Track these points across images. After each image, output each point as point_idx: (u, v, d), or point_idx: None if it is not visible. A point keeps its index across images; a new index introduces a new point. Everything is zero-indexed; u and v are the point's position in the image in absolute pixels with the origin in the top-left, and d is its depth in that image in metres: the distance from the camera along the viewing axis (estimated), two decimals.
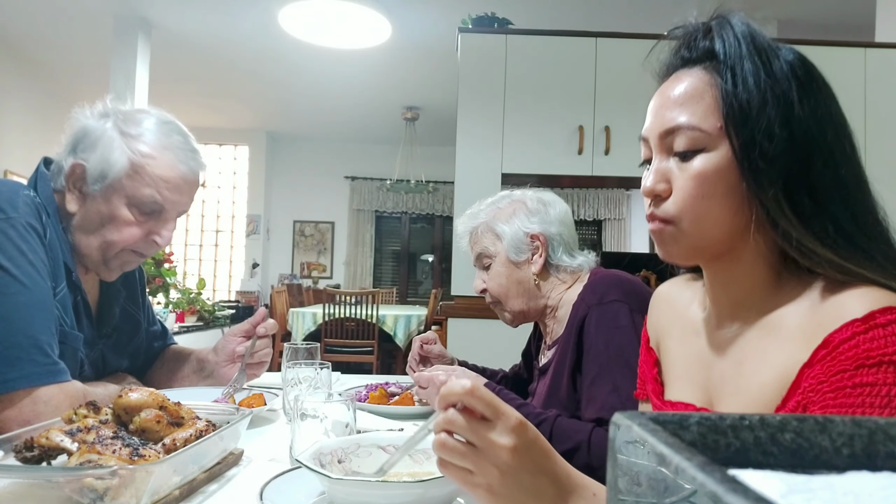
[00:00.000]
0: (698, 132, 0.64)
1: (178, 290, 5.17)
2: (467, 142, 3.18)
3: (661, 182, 0.67)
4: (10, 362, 0.94)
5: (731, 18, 0.68)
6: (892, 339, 0.54)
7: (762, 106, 0.62)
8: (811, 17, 4.47)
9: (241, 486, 0.83)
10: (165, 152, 1.13)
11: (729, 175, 0.63)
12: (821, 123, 0.64)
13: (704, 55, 0.67)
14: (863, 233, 0.63)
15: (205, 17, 4.80)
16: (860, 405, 0.53)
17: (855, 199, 0.64)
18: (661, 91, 0.70)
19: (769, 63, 0.64)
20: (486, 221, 1.38)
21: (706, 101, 0.65)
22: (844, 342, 0.56)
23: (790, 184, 0.61)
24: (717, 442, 0.29)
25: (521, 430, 0.57)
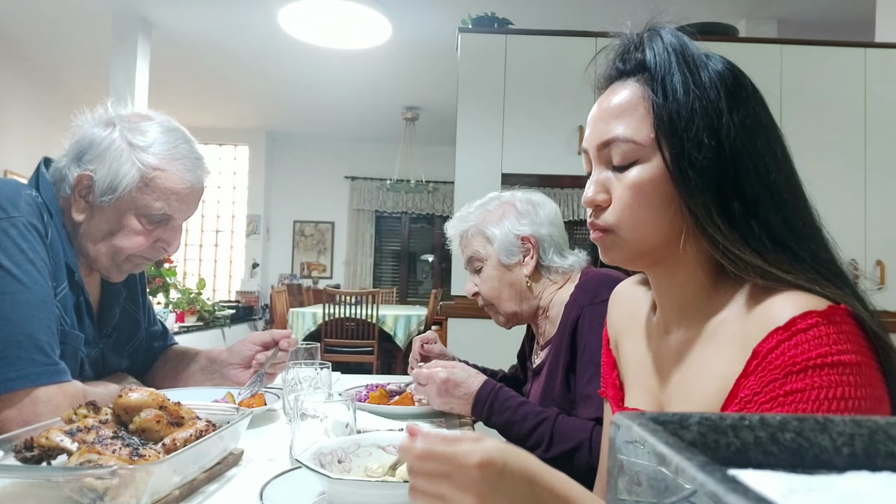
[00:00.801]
0: (632, 144, 0.66)
1: (178, 290, 5.17)
2: (467, 142, 3.18)
3: (600, 192, 0.69)
4: (9, 362, 0.94)
5: (662, 30, 0.69)
6: (815, 342, 0.56)
7: (691, 117, 0.63)
8: (811, 17, 4.47)
9: (241, 486, 0.83)
10: (174, 164, 1.13)
11: (663, 185, 0.65)
12: (750, 132, 0.65)
13: (637, 67, 0.69)
14: (793, 236, 0.64)
15: (205, 17, 4.80)
16: (794, 412, 0.54)
17: (787, 203, 0.65)
18: (599, 103, 0.71)
19: (697, 74, 0.66)
20: (475, 224, 1.37)
21: (639, 113, 0.66)
22: (771, 351, 0.57)
23: (720, 192, 0.63)
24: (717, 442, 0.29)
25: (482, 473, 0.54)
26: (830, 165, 3.17)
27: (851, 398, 0.53)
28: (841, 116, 3.18)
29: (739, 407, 0.59)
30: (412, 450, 0.56)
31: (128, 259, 1.15)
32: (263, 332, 1.39)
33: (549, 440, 1.10)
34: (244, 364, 1.34)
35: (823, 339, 0.56)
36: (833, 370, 0.54)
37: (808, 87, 3.18)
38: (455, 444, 0.55)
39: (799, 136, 3.17)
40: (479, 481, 0.54)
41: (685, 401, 0.67)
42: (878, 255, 3.13)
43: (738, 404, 0.59)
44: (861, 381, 0.54)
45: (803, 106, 3.18)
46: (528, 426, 1.13)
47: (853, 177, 3.16)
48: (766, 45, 3.25)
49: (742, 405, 0.58)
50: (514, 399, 1.18)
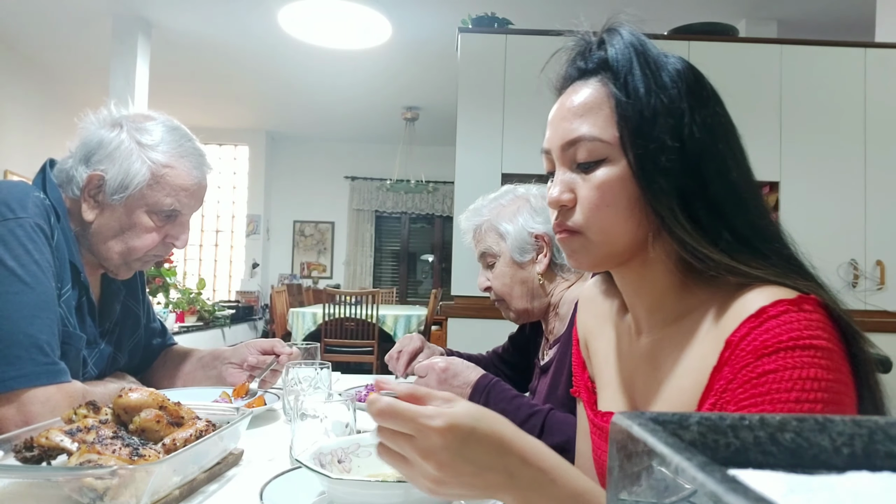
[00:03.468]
0: (599, 143, 0.65)
1: (178, 290, 5.17)
2: (467, 142, 3.18)
3: (566, 192, 0.67)
4: (9, 361, 0.95)
5: (621, 29, 0.68)
6: (786, 326, 0.56)
7: (654, 117, 0.63)
8: (811, 17, 4.47)
9: (241, 486, 0.83)
10: (182, 160, 1.16)
11: (629, 186, 0.64)
12: (712, 131, 0.65)
13: (599, 66, 0.68)
14: (759, 235, 0.64)
15: (205, 17, 4.80)
16: (767, 392, 0.54)
17: (748, 203, 0.65)
18: (560, 103, 0.70)
19: (658, 73, 0.65)
20: (489, 219, 1.37)
21: (605, 112, 0.65)
22: (743, 339, 0.57)
23: (685, 193, 0.62)
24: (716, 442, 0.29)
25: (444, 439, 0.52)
26: (830, 165, 3.17)
27: (823, 380, 0.54)
28: (841, 116, 3.18)
29: (716, 398, 0.59)
30: (375, 404, 0.53)
31: (139, 258, 1.17)
32: (269, 339, 1.40)
33: (539, 433, 1.10)
34: (240, 366, 1.36)
35: (794, 324, 0.56)
36: (805, 352, 0.55)
37: (808, 87, 3.18)
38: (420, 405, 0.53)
39: (799, 136, 3.17)
40: (441, 447, 0.51)
41: (661, 401, 0.67)
42: (878, 255, 3.13)
43: (714, 395, 0.59)
44: (832, 365, 0.55)
45: (803, 106, 3.18)
46: (521, 416, 1.13)
47: (853, 177, 3.16)
48: (766, 45, 3.25)
49: (718, 395, 0.59)
50: (509, 392, 1.19)
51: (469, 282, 3.00)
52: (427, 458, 0.52)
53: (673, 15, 4.14)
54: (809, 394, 0.53)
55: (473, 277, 1.45)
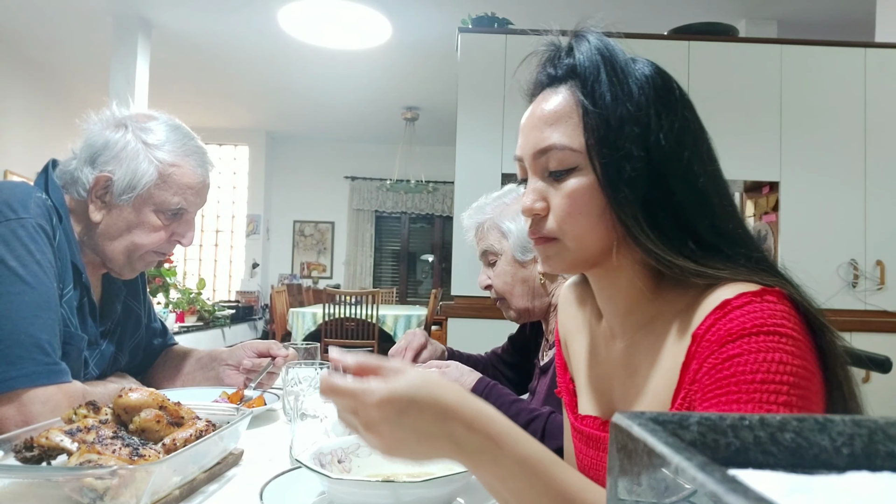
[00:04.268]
0: (569, 151, 0.65)
1: (178, 290, 5.17)
2: (467, 142, 3.18)
3: (538, 201, 0.68)
4: (10, 361, 0.95)
5: (588, 34, 0.68)
6: (749, 315, 0.56)
7: (620, 126, 0.63)
8: (811, 17, 4.47)
9: (241, 486, 0.83)
10: (187, 159, 1.17)
11: (599, 194, 0.64)
12: (679, 138, 0.64)
13: (568, 73, 0.67)
14: (725, 240, 0.64)
15: (205, 17, 4.80)
16: (732, 375, 0.55)
17: (715, 207, 0.65)
18: (532, 110, 0.70)
19: (625, 79, 0.65)
20: (491, 218, 1.37)
21: (574, 121, 0.65)
22: (708, 330, 0.58)
23: (650, 202, 0.62)
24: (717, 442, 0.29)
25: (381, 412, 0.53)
26: (830, 165, 3.17)
27: (789, 364, 0.54)
28: (841, 116, 3.18)
29: (686, 392, 0.59)
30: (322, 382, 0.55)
31: (143, 256, 1.18)
32: (265, 341, 1.41)
33: (540, 437, 1.10)
34: (235, 367, 1.36)
35: (758, 313, 0.56)
36: (769, 337, 0.55)
37: (808, 87, 3.18)
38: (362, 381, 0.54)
39: (799, 136, 3.17)
40: (380, 420, 0.53)
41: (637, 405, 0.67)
42: (878, 255, 3.13)
43: (684, 388, 0.59)
44: (797, 352, 0.55)
45: (803, 106, 3.18)
46: (521, 421, 1.13)
47: (853, 177, 3.16)
48: (766, 45, 3.25)
49: (687, 388, 0.59)
50: (508, 396, 1.18)
51: (469, 282, 3.00)
52: (369, 431, 0.54)
53: (673, 15, 4.14)
54: (775, 375, 0.53)
55: (473, 277, 1.45)
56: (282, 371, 1.29)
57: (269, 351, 1.37)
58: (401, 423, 0.53)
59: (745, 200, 3.72)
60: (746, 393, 0.54)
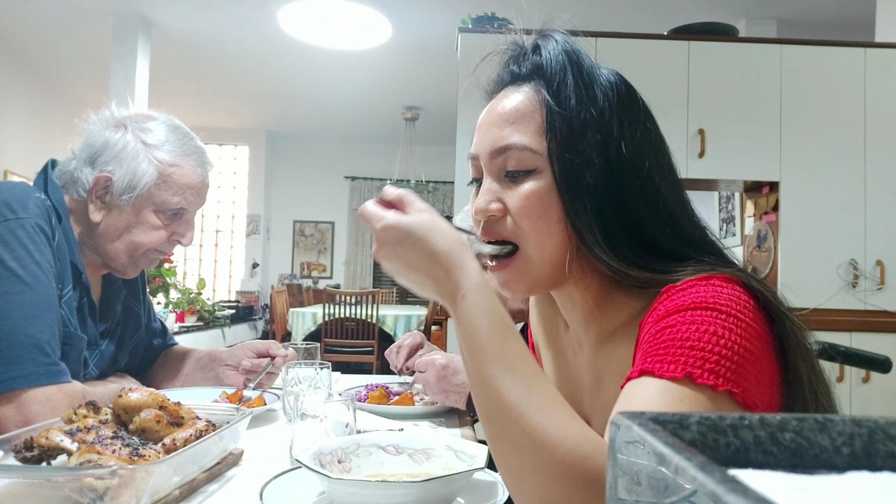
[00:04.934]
0: (529, 152, 0.63)
1: (178, 290, 5.17)
2: (467, 142, 3.17)
3: (494, 202, 0.66)
4: (10, 361, 0.95)
5: (555, 34, 0.67)
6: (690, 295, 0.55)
7: (582, 131, 0.61)
8: (811, 17, 4.47)
9: (241, 486, 0.83)
10: (187, 159, 1.18)
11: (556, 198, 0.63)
12: (640, 149, 0.63)
13: (533, 72, 0.66)
14: (691, 248, 0.63)
15: (205, 17, 4.80)
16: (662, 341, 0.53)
17: (678, 218, 0.64)
18: (491, 108, 0.68)
19: (590, 83, 0.63)
20: None
21: (536, 121, 0.64)
22: (650, 314, 0.58)
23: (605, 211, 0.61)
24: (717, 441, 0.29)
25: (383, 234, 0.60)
26: (830, 165, 3.17)
27: (723, 338, 0.52)
28: (841, 116, 3.18)
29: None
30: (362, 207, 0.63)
31: (144, 254, 1.18)
32: (265, 341, 1.41)
33: None
34: (235, 367, 1.36)
35: (701, 293, 0.55)
36: (707, 312, 0.53)
37: (808, 87, 3.18)
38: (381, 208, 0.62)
39: (799, 136, 3.17)
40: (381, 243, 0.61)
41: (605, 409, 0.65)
42: (878, 255, 3.13)
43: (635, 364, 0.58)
44: (737, 330, 0.52)
45: (803, 106, 3.18)
46: None
47: (853, 176, 3.15)
48: (766, 45, 3.25)
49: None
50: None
51: None
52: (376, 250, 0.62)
53: (673, 15, 4.13)
54: (706, 345, 0.51)
55: None
56: (282, 371, 1.29)
57: (268, 351, 1.37)
58: (395, 251, 0.60)
59: (745, 200, 3.72)
60: (672, 354, 0.52)
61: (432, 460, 0.79)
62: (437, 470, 0.76)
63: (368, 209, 0.62)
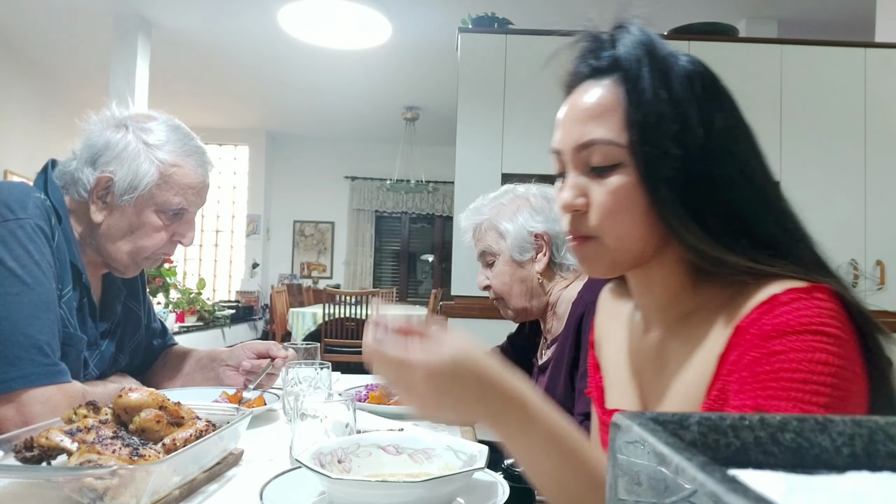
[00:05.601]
0: (614, 147, 0.63)
1: (178, 290, 5.17)
2: (467, 142, 3.18)
3: (579, 196, 0.66)
4: (9, 362, 0.95)
5: (631, 27, 0.67)
6: (797, 312, 0.55)
7: (658, 122, 0.61)
8: (811, 17, 4.47)
9: (241, 486, 0.83)
10: (188, 159, 1.18)
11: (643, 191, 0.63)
12: (731, 135, 0.63)
13: (612, 65, 0.66)
14: (786, 236, 0.63)
15: (205, 17, 4.80)
16: (773, 371, 0.54)
17: (771, 205, 0.64)
18: (572, 103, 0.68)
19: (667, 74, 0.63)
20: (489, 218, 1.37)
21: (618, 115, 0.63)
22: (752, 324, 0.57)
23: (695, 200, 0.61)
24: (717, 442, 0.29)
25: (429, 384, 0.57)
26: (830, 165, 3.17)
27: (832, 364, 0.53)
28: (841, 116, 3.18)
29: (722, 382, 0.58)
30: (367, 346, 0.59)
31: (148, 257, 1.18)
32: (265, 342, 1.41)
33: None
34: (235, 368, 1.36)
35: (805, 311, 0.55)
36: (815, 336, 0.54)
37: (808, 87, 3.18)
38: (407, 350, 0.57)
39: (799, 136, 3.17)
40: (425, 392, 0.57)
41: (667, 397, 0.66)
42: (878, 255, 3.13)
43: (721, 380, 0.59)
44: (842, 353, 0.54)
45: (803, 106, 3.18)
46: None
47: (853, 177, 3.15)
48: (766, 45, 3.25)
49: (723, 380, 0.58)
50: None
51: (469, 282, 3.00)
52: (411, 396, 0.59)
53: (673, 15, 4.13)
54: (817, 376, 0.53)
55: (473, 277, 1.45)
56: (282, 371, 1.29)
57: (268, 352, 1.36)
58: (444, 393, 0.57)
59: None
60: (785, 391, 0.53)
61: (432, 460, 0.79)
62: (437, 470, 0.76)
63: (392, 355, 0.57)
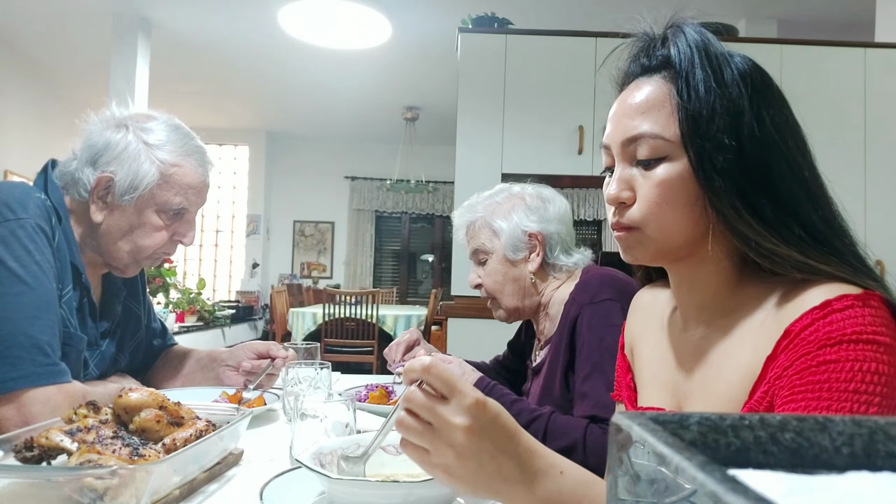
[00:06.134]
0: (661, 140, 0.65)
1: (178, 290, 5.17)
2: (467, 142, 3.18)
3: (625, 190, 0.67)
4: (10, 362, 0.95)
5: (685, 27, 0.69)
6: (850, 321, 0.56)
7: (711, 116, 0.63)
8: (811, 17, 4.47)
9: (241, 486, 0.83)
10: (188, 159, 1.18)
11: (690, 184, 0.64)
12: (780, 130, 0.64)
13: (663, 63, 0.68)
14: (832, 232, 0.64)
15: (205, 17, 4.80)
16: (826, 381, 0.55)
17: (821, 202, 0.65)
18: (622, 99, 0.70)
19: (720, 72, 0.65)
20: (483, 216, 1.37)
21: (667, 110, 0.65)
22: (805, 329, 0.57)
23: (748, 191, 0.62)
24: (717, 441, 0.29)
25: (477, 410, 0.56)
26: (830, 165, 3.15)
27: (885, 374, 0.54)
28: (841, 116, 3.18)
29: (768, 386, 0.58)
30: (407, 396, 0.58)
31: (149, 257, 1.18)
32: (265, 342, 1.40)
33: (542, 437, 1.10)
34: (235, 368, 1.36)
35: (859, 319, 0.56)
36: (868, 346, 0.55)
37: (808, 87, 3.18)
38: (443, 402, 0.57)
39: None
40: (464, 442, 0.56)
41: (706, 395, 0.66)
42: (878, 255, 3.11)
43: (767, 383, 0.59)
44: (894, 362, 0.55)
45: (803, 106, 3.15)
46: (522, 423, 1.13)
47: (853, 177, 3.15)
48: (766, 45, 3.25)
49: (771, 383, 0.58)
50: (509, 396, 1.18)
51: None
52: (448, 448, 0.56)
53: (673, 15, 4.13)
54: (869, 386, 0.53)
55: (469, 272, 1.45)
56: (282, 371, 1.29)
57: (268, 352, 1.37)
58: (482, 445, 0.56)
59: None
60: (837, 401, 0.54)
61: None
62: None
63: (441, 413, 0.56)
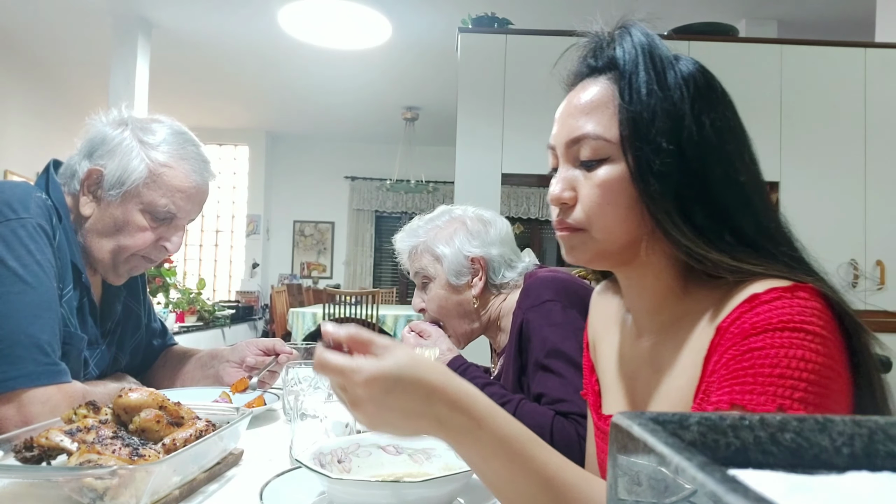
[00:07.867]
0: (603, 141, 0.65)
1: (178, 290, 5.17)
2: (467, 142, 3.18)
3: (567, 190, 0.67)
4: (10, 361, 0.95)
5: (632, 28, 0.68)
6: (777, 311, 0.56)
7: (651, 119, 0.63)
8: (811, 17, 4.47)
9: (241, 486, 0.83)
10: (182, 162, 1.17)
11: (629, 187, 0.64)
12: (720, 135, 0.64)
13: (609, 65, 0.68)
14: (766, 237, 0.64)
15: (205, 17, 4.80)
16: (751, 367, 0.54)
17: (757, 206, 0.65)
18: (569, 99, 0.70)
19: (663, 74, 0.65)
20: (425, 241, 1.36)
21: (610, 111, 0.65)
22: (732, 323, 0.58)
23: (684, 195, 0.62)
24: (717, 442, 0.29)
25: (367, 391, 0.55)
26: (830, 165, 3.17)
27: (811, 361, 0.53)
28: (841, 116, 3.18)
29: (706, 385, 0.58)
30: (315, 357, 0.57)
31: (128, 259, 1.16)
32: (270, 339, 1.40)
33: None
34: (238, 365, 1.36)
35: (786, 309, 0.55)
36: (795, 333, 0.54)
37: (808, 87, 3.18)
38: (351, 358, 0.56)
39: (799, 136, 3.17)
40: (366, 399, 0.55)
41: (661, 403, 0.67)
42: (878, 255, 3.13)
43: (705, 381, 0.59)
44: (823, 350, 0.54)
45: (803, 106, 3.18)
46: None
47: (853, 177, 3.16)
48: (766, 45, 3.25)
49: (707, 381, 0.58)
50: (480, 379, 1.19)
51: None
52: (355, 407, 0.57)
53: (673, 15, 4.13)
54: (794, 372, 0.53)
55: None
56: (282, 371, 1.29)
57: (273, 348, 1.36)
58: (385, 402, 0.55)
59: None
60: (762, 385, 0.53)
61: (432, 460, 0.79)
62: (436, 470, 0.76)
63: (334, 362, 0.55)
